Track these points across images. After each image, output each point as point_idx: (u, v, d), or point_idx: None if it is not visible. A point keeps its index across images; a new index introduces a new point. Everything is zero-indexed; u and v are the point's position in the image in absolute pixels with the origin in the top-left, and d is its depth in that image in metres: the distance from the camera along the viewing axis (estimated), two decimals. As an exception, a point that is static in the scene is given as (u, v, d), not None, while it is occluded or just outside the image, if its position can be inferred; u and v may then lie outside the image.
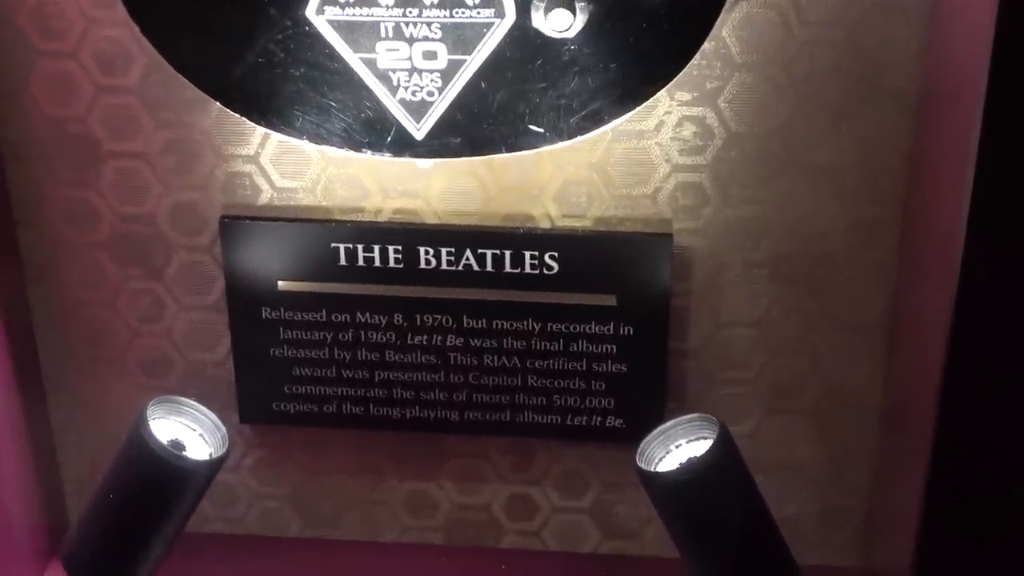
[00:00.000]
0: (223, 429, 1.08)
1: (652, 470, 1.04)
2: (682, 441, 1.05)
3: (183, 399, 1.08)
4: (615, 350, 1.12)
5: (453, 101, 0.97)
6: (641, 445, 1.05)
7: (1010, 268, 0.84)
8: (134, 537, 1.08)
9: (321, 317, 1.13)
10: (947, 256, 0.88)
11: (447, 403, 1.16)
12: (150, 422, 1.05)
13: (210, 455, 1.07)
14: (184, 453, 1.06)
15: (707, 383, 1.15)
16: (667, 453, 1.05)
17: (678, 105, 1.04)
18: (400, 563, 1.23)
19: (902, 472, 1.05)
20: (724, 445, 1.02)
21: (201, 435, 1.08)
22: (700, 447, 1.03)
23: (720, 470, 1.02)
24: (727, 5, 0.93)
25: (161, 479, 1.05)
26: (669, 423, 1.05)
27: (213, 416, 1.08)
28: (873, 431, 1.15)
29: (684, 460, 1.03)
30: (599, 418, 1.15)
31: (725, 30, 0.99)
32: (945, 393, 0.88)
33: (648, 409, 1.13)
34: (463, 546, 1.24)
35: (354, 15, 0.95)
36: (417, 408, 1.16)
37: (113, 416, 1.18)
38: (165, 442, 1.05)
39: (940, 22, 0.97)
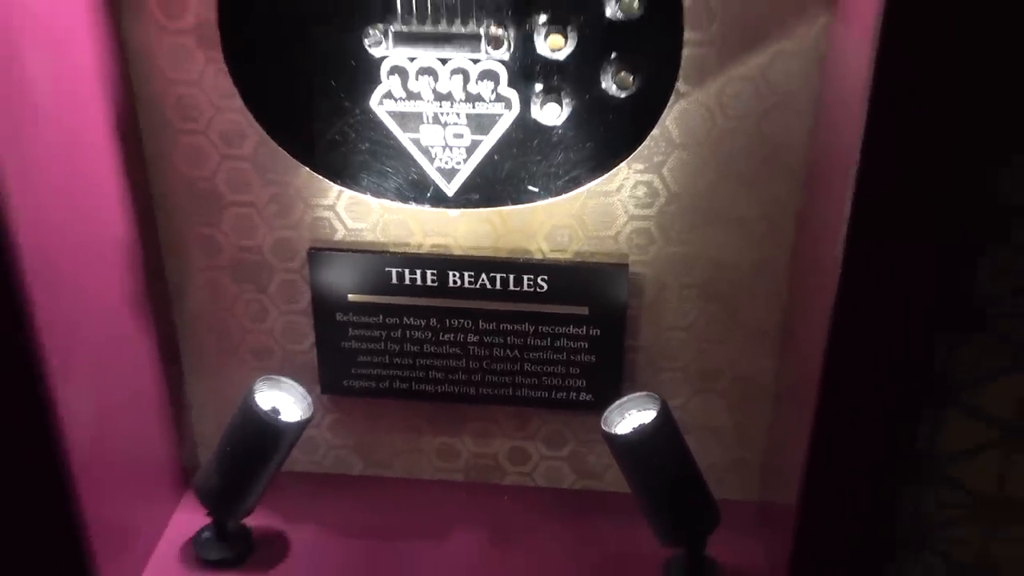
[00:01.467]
0: (309, 399, 1.09)
1: (612, 432, 1.03)
2: (633, 411, 1.05)
3: (281, 377, 1.09)
4: (586, 346, 1.11)
5: (474, 169, 0.95)
6: (605, 414, 1.05)
7: (869, 295, 0.82)
8: (244, 476, 1.08)
9: (378, 320, 1.11)
10: (825, 283, 0.87)
11: (467, 382, 1.14)
12: (256, 394, 1.06)
13: (299, 418, 1.07)
14: (280, 417, 1.06)
15: (652, 370, 1.13)
16: (623, 419, 1.05)
17: (634, 172, 1.02)
18: (432, 495, 1.22)
19: (790, 434, 1.04)
20: (664, 415, 1.02)
21: (293, 403, 1.08)
22: (647, 416, 1.03)
23: (661, 433, 1.02)
24: (669, 103, 0.92)
25: (263, 435, 1.06)
26: (625, 398, 1.05)
27: (302, 389, 1.08)
28: (769, 405, 1.13)
29: (635, 425, 1.03)
30: (574, 394, 1.14)
31: (668, 120, 0.98)
32: (823, 377, 0.87)
33: (610, 388, 1.12)
34: (477, 482, 1.23)
35: (404, 107, 0.93)
36: (445, 385, 1.15)
37: (231, 389, 1.17)
38: (267, 408, 1.06)
39: (821, 120, 0.96)
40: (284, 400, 1.07)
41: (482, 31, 0.88)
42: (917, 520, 1.03)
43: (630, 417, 1.04)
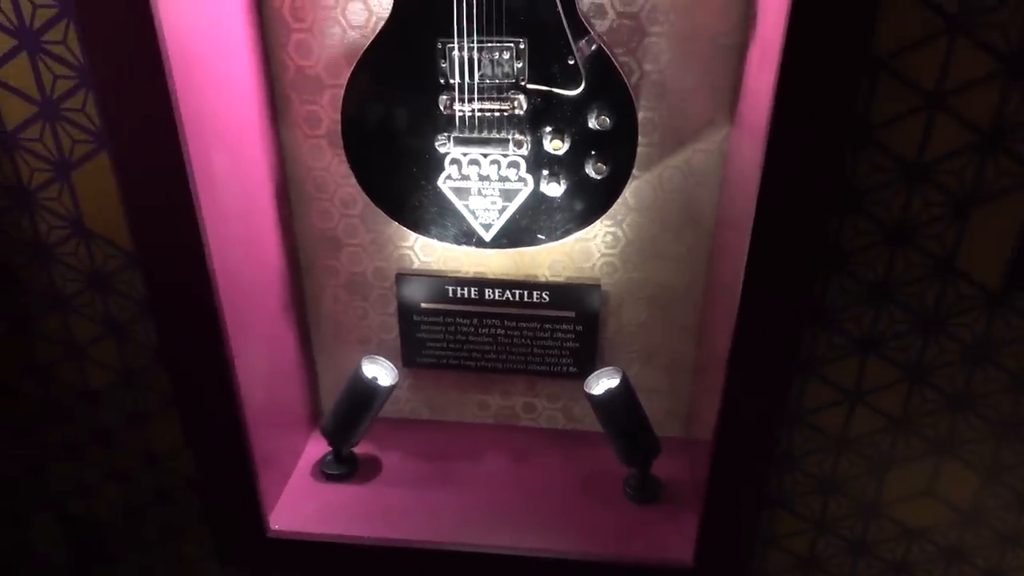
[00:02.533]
0: (395, 370, 1.08)
1: (591, 392, 1.03)
2: (604, 379, 1.04)
3: (378, 356, 1.08)
4: (573, 337, 1.10)
5: (504, 224, 0.96)
6: (586, 380, 1.05)
7: (761, 303, 0.81)
8: (353, 420, 1.07)
9: (439, 320, 1.10)
10: (730, 295, 0.86)
11: (495, 359, 1.13)
12: (362, 367, 1.05)
13: (389, 383, 1.07)
14: (378, 382, 1.06)
15: (615, 352, 1.11)
16: (597, 384, 1.04)
17: (604, 226, 1.02)
18: (473, 433, 1.20)
19: (706, 394, 1.02)
20: (624, 382, 1.02)
21: (386, 373, 1.08)
22: (613, 382, 1.02)
23: (622, 394, 1.02)
24: (628, 182, 0.92)
25: (367, 394, 1.06)
26: (598, 370, 1.05)
27: (390, 364, 1.08)
28: (691, 375, 1.12)
29: (605, 388, 1.02)
30: (565, 367, 1.12)
31: (627, 192, 0.98)
32: (730, 356, 0.84)
33: (588, 363, 1.10)
34: (502, 424, 1.21)
35: (459, 184, 0.94)
36: (482, 361, 1.13)
37: (344, 363, 1.15)
38: (369, 376, 1.05)
39: (724, 192, 0.96)
40: (380, 371, 1.07)
41: (510, 137, 0.90)
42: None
43: (602, 383, 1.04)
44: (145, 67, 0.74)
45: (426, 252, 1.08)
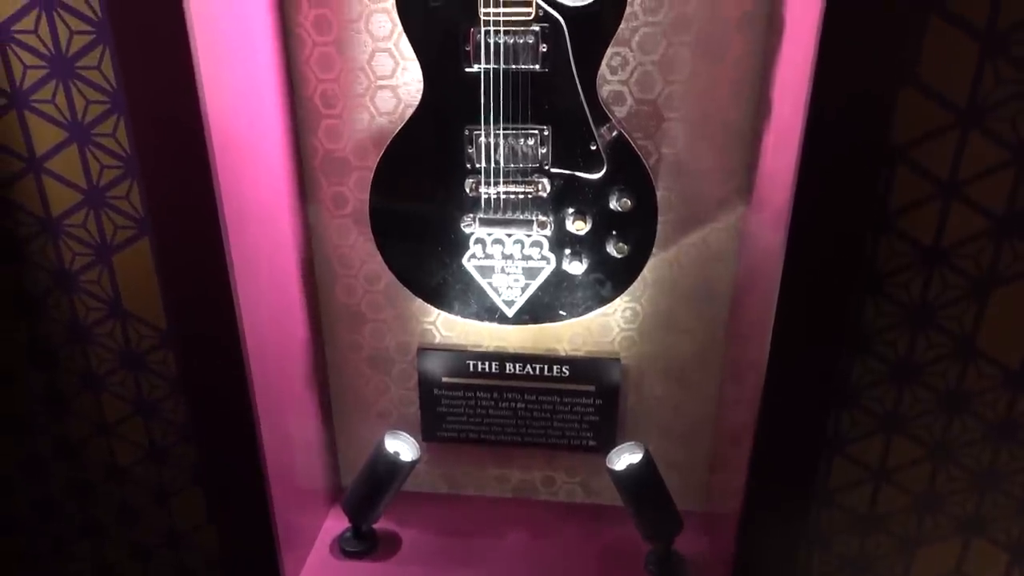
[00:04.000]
0: (418, 446, 1.08)
1: (613, 468, 1.03)
2: (626, 453, 1.04)
3: (399, 431, 1.08)
4: (593, 410, 1.10)
5: (526, 301, 0.98)
6: (609, 455, 1.04)
7: (788, 379, 0.81)
8: (374, 496, 1.07)
9: (460, 394, 1.11)
10: (755, 376, 0.87)
11: (515, 433, 1.13)
12: (385, 442, 1.06)
13: (412, 459, 1.07)
14: (400, 457, 1.06)
15: (635, 426, 1.12)
16: (619, 459, 1.04)
17: (624, 302, 1.04)
18: (491, 507, 1.19)
19: (729, 465, 1.02)
20: (646, 457, 1.02)
21: (408, 448, 1.08)
22: (635, 457, 1.02)
23: (644, 469, 1.02)
24: (648, 261, 0.94)
25: (390, 470, 1.06)
26: (621, 445, 1.04)
27: (412, 439, 1.08)
28: (710, 445, 1.11)
29: (627, 463, 1.02)
30: (585, 441, 1.12)
31: (646, 270, 0.97)
32: (756, 433, 0.84)
33: (608, 438, 1.11)
34: (521, 499, 1.20)
35: (483, 263, 0.97)
36: (502, 435, 1.13)
37: (364, 438, 1.16)
38: (392, 452, 1.05)
39: (740, 268, 0.98)
40: (402, 446, 1.07)
41: (534, 218, 0.93)
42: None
43: (624, 457, 1.03)
44: (191, 156, 0.77)
45: (448, 327, 1.09)
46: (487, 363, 1.09)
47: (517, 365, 1.09)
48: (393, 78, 0.96)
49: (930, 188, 0.75)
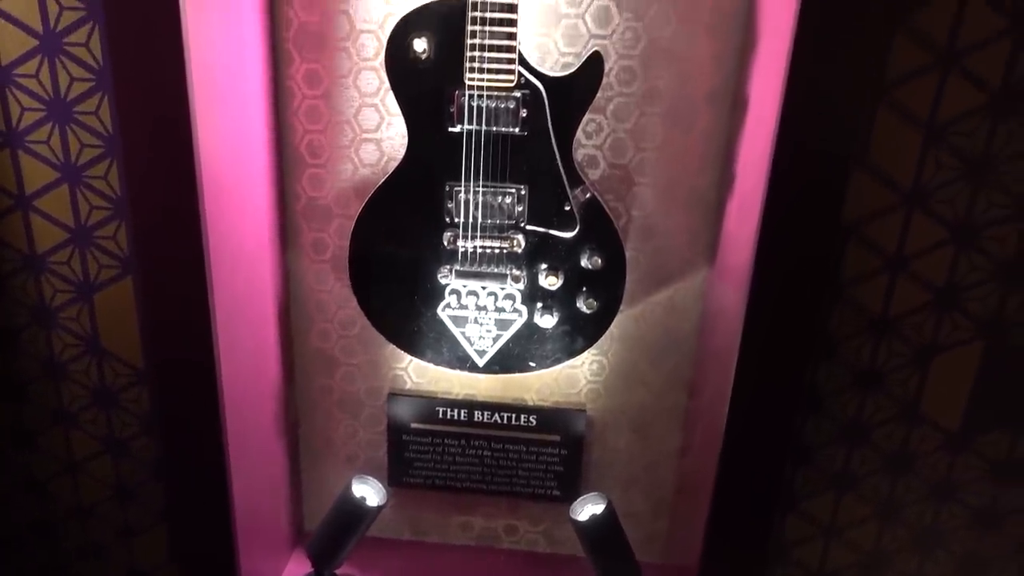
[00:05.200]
0: (384, 490, 1.07)
1: (576, 519, 1.04)
2: (589, 505, 1.05)
3: (366, 476, 1.07)
4: (557, 460, 1.12)
5: (497, 351, 1.01)
6: (572, 506, 1.05)
7: (749, 430, 0.84)
8: (339, 540, 1.06)
9: (429, 440, 1.12)
10: (714, 433, 0.90)
11: (480, 480, 1.14)
12: (352, 486, 1.05)
13: (378, 504, 1.06)
14: (367, 502, 1.05)
15: (599, 477, 1.14)
16: (582, 509, 1.04)
17: (591, 356, 1.07)
18: (454, 555, 1.19)
19: (686, 518, 1.04)
20: (608, 508, 1.03)
21: (374, 493, 1.07)
22: (598, 508, 1.03)
23: (606, 520, 1.03)
24: (615, 317, 0.97)
25: (356, 515, 1.05)
26: (584, 496, 1.05)
27: (379, 484, 1.07)
28: (670, 496, 1.13)
29: (590, 514, 1.03)
30: (550, 491, 1.14)
31: (614, 325, 1.00)
32: (716, 487, 0.85)
33: (572, 488, 1.12)
34: (484, 547, 1.21)
35: (457, 313, 0.99)
36: (467, 483, 1.14)
37: (332, 480, 1.16)
38: (359, 496, 1.05)
39: (703, 326, 1.02)
40: (368, 491, 1.06)
41: (508, 272, 0.97)
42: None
43: (587, 508, 1.04)
44: (180, 199, 0.79)
45: (419, 373, 1.11)
46: (456, 410, 1.11)
47: (485, 413, 1.11)
48: (378, 132, 1.00)
49: (878, 262, 0.81)
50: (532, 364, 1.01)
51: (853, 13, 0.67)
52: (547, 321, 0.98)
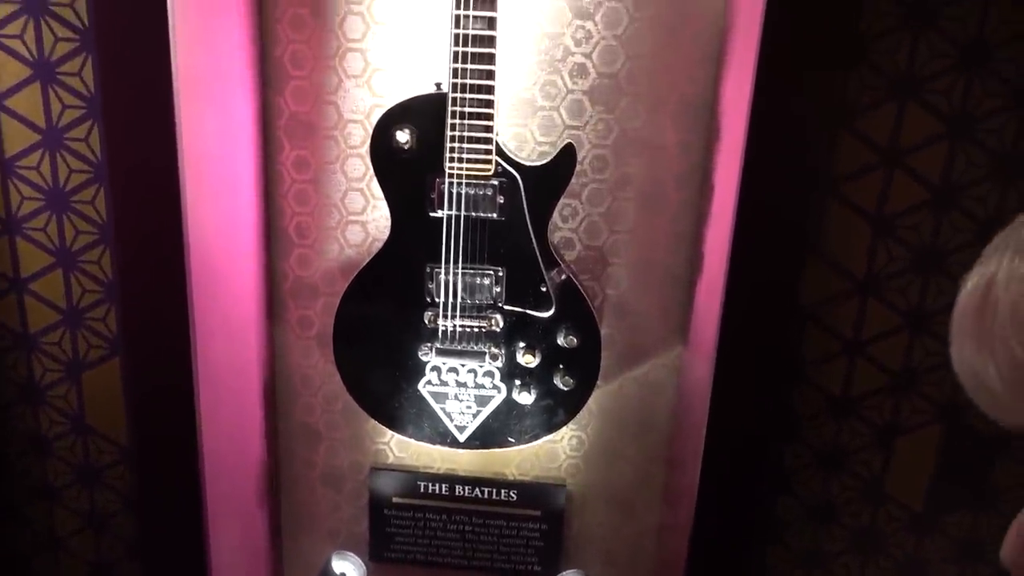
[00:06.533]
0: (364, 567, 1.09)
1: None
2: None
3: (346, 552, 1.09)
4: (538, 535, 1.13)
5: (477, 427, 1.03)
6: None
7: (717, 525, 0.86)
8: None
9: (410, 515, 1.13)
10: (687, 500, 0.91)
11: (462, 556, 1.15)
12: (332, 562, 1.06)
13: None
14: None
15: (579, 552, 1.14)
16: None
17: (570, 431, 1.09)
18: None
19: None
20: None
21: (354, 570, 1.09)
22: None
23: None
24: (592, 394, 1.00)
25: None
26: (564, 572, 1.08)
27: (359, 560, 1.09)
28: (652, 567, 1.13)
29: None
30: (531, 566, 1.14)
31: (591, 401, 1.02)
32: (689, 555, 0.87)
33: (552, 563, 1.13)
34: None
35: (438, 389, 1.02)
36: (449, 557, 1.15)
37: (313, 554, 1.16)
38: (339, 573, 1.06)
39: (680, 401, 1.04)
40: (348, 567, 1.08)
41: (487, 350, 1.00)
42: None
43: None
44: (170, 281, 0.83)
45: (401, 448, 1.13)
46: (437, 485, 1.12)
47: (466, 488, 1.12)
48: (364, 214, 1.05)
49: (836, 345, 0.84)
50: (511, 440, 1.03)
51: (803, 115, 0.73)
52: (525, 398, 1.01)
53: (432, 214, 0.96)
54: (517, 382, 1.01)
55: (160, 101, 0.78)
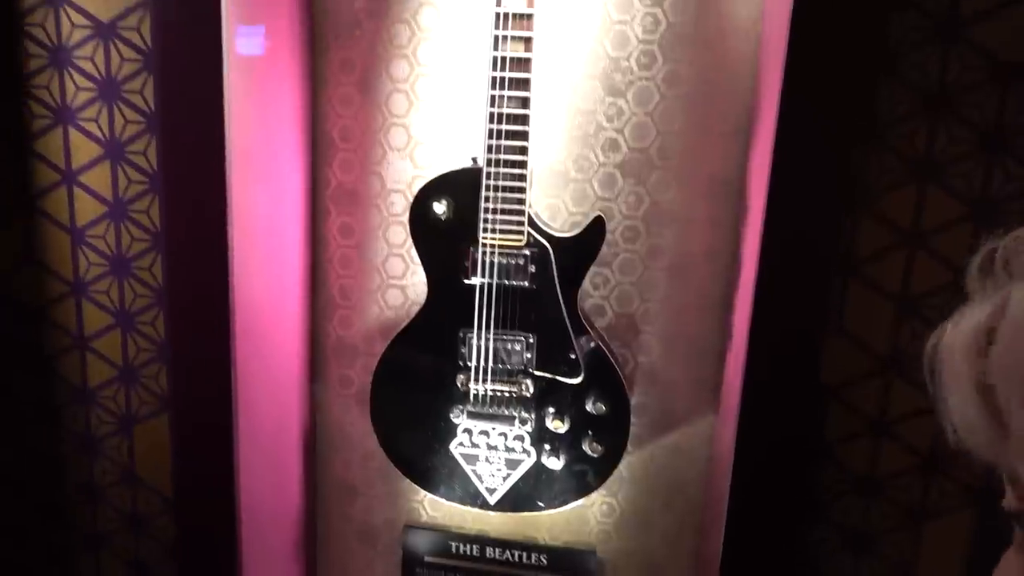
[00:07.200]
0: None
1: None
2: None
3: None
4: None
5: (507, 490, 1.04)
6: None
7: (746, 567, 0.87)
8: None
9: (443, 575, 1.15)
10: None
11: None
12: None
13: None
14: None
15: None
16: None
17: (600, 496, 1.09)
18: None
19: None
20: None
21: None
22: None
23: None
24: (622, 459, 1.00)
25: None
26: None
27: None
28: None
29: None
30: None
31: (622, 466, 1.03)
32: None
33: None
34: None
35: (469, 451, 1.04)
36: None
37: None
38: None
39: (712, 470, 1.04)
40: None
41: (516, 415, 1.02)
42: None
43: None
44: (216, 343, 0.89)
45: (434, 507, 1.15)
46: (469, 546, 1.13)
47: (497, 550, 1.13)
48: (403, 279, 1.10)
49: (860, 425, 0.83)
50: (541, 504, 1.04)
51: (822, 198, 0.74)
52: (554, 463, 1.02)
53: (466, 281, 1.00)
54: (546, 447, 1.02)
55: (214, 175, 0.85)
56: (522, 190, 0.94)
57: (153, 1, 0.82)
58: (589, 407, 1.00)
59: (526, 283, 0.99)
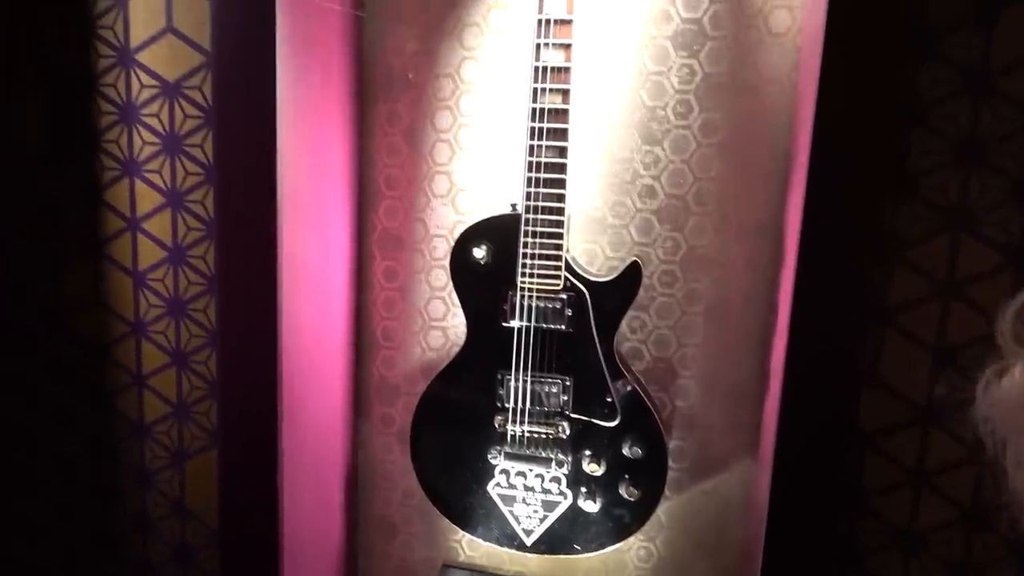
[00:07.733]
0: None
1: None
2: None
3: None
4: None
5: (544, 532, 1.05)
6: None
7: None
8: None
9: None
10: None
11: None
12: None
13: None
14: None
15: None
16: None
17: (638, 540, 1.09)
18: None
19: None
20: None
21: None
22: None
23: None
24: (659, 504, 0.99)
25: None
26: None
27: None
28: None
29: None
30: None
31: (660, 510, 1.04)
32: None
33: None
34: None
35: (506, 492, 1.05)
36: None
37: None
38: None
39: (750, 521, 1.03)
40: None
41: (553, 456, 1.03)
42: None
43: None
44: (263, 384, 0.93)
45: (472, 547, 1.16)
46: (507, 587, 1.14)
47: (535, 591, 1.14)
48: (444, 321, 1.13)
49: (899, 474, 0.82)
50: (578, 547, 1.04)
51: (856, 246, 0.75)
52: (590, 505, 1.03)
53: (505, 324, 1.02)
54: (583, 489, 1.03)
55: (266, 223, 0.90)
56: (559, 236, 0.97)
57: (214, 62, 0.89)
58: (625, 450, 1.01)
59: (563, 326, 1.01)
